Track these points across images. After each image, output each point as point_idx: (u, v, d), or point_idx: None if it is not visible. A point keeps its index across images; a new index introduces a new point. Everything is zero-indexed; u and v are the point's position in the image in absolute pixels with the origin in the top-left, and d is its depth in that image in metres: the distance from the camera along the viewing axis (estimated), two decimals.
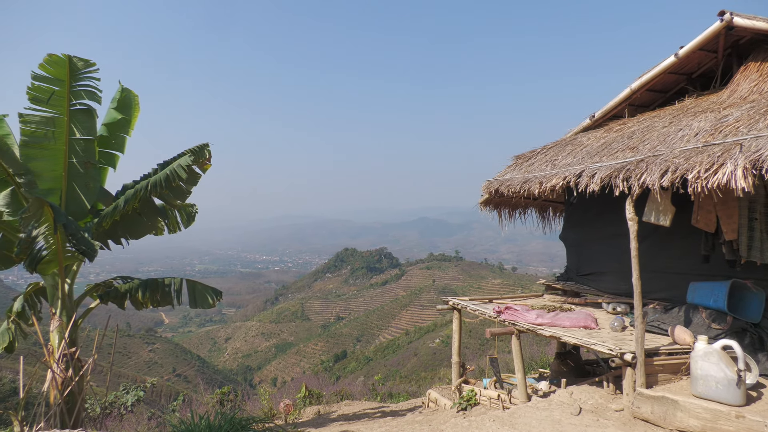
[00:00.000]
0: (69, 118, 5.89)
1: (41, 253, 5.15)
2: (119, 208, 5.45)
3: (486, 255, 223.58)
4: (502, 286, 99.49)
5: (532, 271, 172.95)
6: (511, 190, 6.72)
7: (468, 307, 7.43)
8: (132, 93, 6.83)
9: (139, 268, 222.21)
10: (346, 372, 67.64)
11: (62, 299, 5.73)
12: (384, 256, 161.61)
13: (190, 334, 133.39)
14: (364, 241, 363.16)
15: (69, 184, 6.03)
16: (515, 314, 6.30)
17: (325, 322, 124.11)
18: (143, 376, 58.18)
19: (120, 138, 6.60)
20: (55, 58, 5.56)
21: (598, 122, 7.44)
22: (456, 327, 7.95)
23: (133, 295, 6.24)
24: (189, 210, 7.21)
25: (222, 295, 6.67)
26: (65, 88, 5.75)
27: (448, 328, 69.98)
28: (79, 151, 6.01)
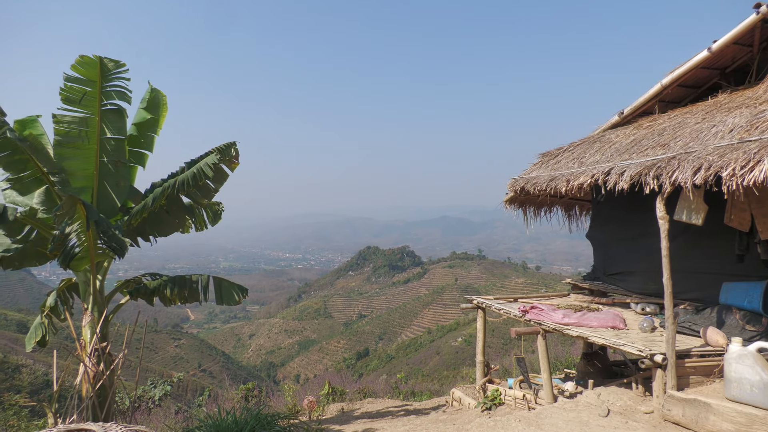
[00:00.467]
0: (100, 118, 6.02)
1: (74, 250, 5.28)
2: (148, 206, 5.55)
3: (509, 254, 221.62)
4: (526, 285, 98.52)
5: (557, 270, 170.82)
6: (537, 188, 6.63)
7: (493, 306, 7.37)
8: (160, 93, 6.94)
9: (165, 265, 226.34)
10: (368, 370, 67.83)
11: (94, 295, 5.87)
12: (406, 254, 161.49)
13: (215, 331, 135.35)
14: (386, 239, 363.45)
15: (100, 183, 6.17)
16: (541, 314, 6.23)
17: (347, 319, 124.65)
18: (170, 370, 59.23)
19: (149, 137, 6.72)
20: (86, 59, 5.69)
21: (626, 119, 7.28)
22: (480, 326, 7.89)
23: (162, 292, 6.36)
24: (215, 208, 7.30)
25: (247, 292, 6.74)
26: (96, 88, 5.88)
27: (470, 327, 69.61)
28: (110, 151, 6.14)
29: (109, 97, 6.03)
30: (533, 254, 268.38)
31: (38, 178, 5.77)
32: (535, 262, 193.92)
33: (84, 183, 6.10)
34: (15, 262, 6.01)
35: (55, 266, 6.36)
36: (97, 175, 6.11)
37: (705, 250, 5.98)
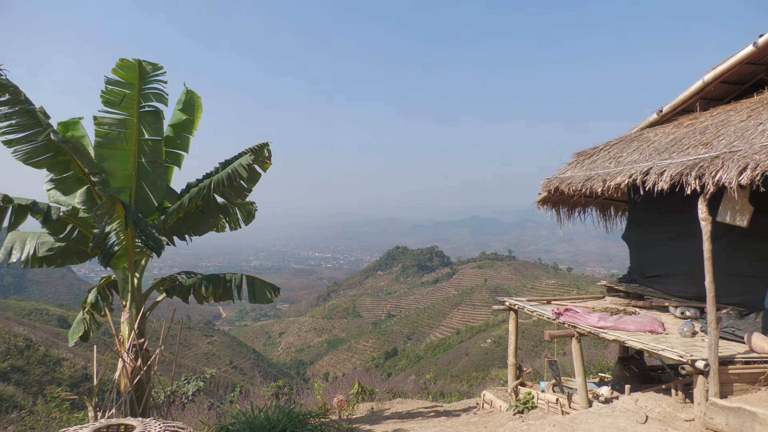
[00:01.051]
0: (138, 120, 6.18)
1: (113, 248, 5.44)
2: (184, 206, 5.66)
3: (540, 254, 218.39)
4: (557, 286, 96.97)
5: (589, 271, 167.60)
6: (571, 188, 6.50)
7: (525, 308, 7.26)
8: (195, 95, 7.08)
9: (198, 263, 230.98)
10: (396, 369, 67.81)
11: (132, 292, 6.03)
12: (435, 254, 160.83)
13: (246, 328, 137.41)
14: (415, 239, 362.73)
15: (138, 183, 6.33)
16: (575, 316, 6.10)
17: (376, 319, 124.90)
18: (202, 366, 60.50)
19: (185, 138, 6.86)
20: (126, 62, 5.84)
21: (666, 117, 7.06)
22: (512, 328, 7.79)
23: (197, 290, 6.48)
24: (249, 208, 7.40)
25: (279, 291, 6.82)
26: (135, 91, 6.04)
27: (500, 328, 68.88)
28: (148, 151, 6.30)
29: (146, 99, 6.18)
30: (565, 255, 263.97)
31: (80, 179, 5.96)
32: (566, 263, 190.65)
33: (123, 183, 6.27)
34: (58, 260, 6.23)
35: (95, 263, 6.56)
36: (135, 176, 6.27)
37: (750, 252, 5.76)
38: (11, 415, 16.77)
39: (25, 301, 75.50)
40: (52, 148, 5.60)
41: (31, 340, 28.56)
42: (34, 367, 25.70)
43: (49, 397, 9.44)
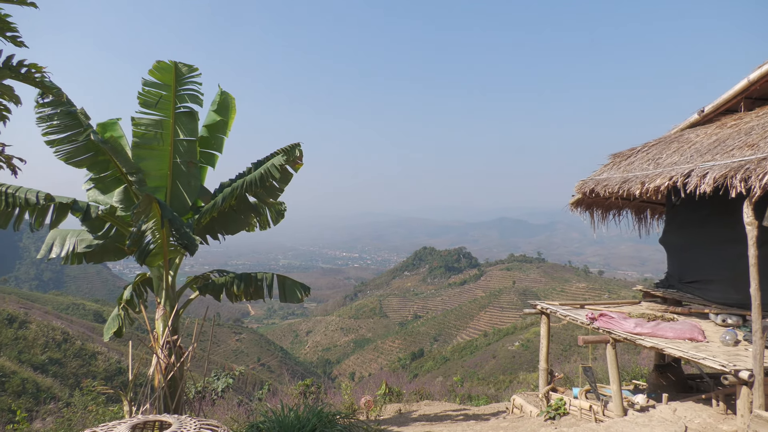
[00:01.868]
0: (174, 121, 6.30)
1: (149, 247, 5.55)
2: (217, 206, 5.74)
3: (570, 257, 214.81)
4: (588, 290, 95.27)
5: (621, 275, 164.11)
6: (607, 190, 6.34)
7: (558, 312, 7.12)
8: (229, 96, 7.17)
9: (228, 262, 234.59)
10: (422, 371, 67.62)
11: (166, 290, 6.14)
12: (463, 255, 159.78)
13: (274, 326, 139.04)
14: (442, 240, 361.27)
15: (173, 183, 6.45)
16: (611, 322, 5.95)
17: (402, 319, 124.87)
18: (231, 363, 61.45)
19: (219, 139, 6.96)
20: (162, 64, 5.96)
21: (707, 117, 6.82)
22: (544, 332, 7.65)
23: (229, 288, 6.57)
24: (279, 207, 7.47)
25: (310, 290, 6.85)
26: (171, 92, 6.15)
27: (528, 331, 68.00)
28: (183, 152, 6.41)
29: (182, 100, 6.29)
30: (596, 258, 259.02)
31: (117, 178, 6.11)
32: (597, 266, 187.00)
33: (158, 183, 6.40)
34: (96, 257, 6.39)
35: (129, 260, 6.72)
36: (170, 175, 6.39)
37: None
38: (49, 406, 17.36)
39: (62, 295, 78.13)
40: (92, 148, 5.76)
41: (68, 334, 29.52)
42: (71, 360, 26.57)
43: (85, 390, 9.70)
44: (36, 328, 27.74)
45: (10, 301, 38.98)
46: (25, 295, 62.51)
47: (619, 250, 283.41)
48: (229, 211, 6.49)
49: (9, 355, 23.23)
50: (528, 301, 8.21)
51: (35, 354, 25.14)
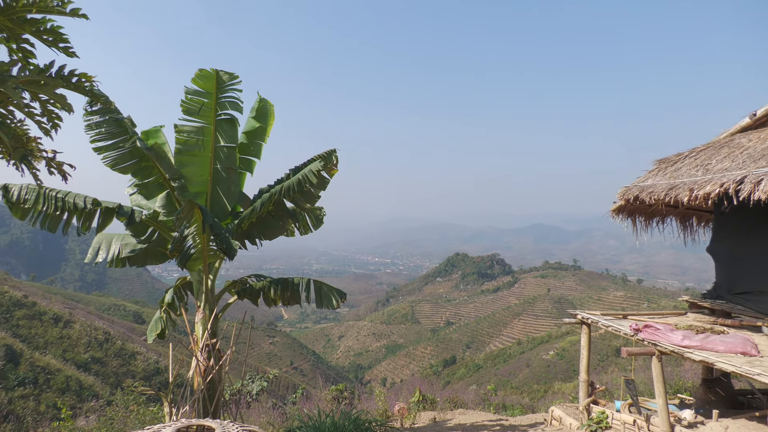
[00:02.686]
0: (215, 128, 6.41)
1: (190, 251, 5.65)
2: (256, 211, 5.81)
3: (607, 265, 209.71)
4: (626, 299, 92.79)
5: (661, 284, 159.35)
6: (653, 197, 6.13)
7: (599, 322, 6.91)
8: (268, 103, 7.26)
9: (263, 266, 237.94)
10: (455, 378, 66.98)
11: (206, 294, 6.24)
12: (496, 262, 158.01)
13: (307, 330, 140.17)
14: (475, 246, 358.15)
15: (213, 188, 6.56)
16: (656, 333, 5.73)
17: (434, 326, 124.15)
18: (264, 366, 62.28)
19: (257, 145, 7.05)
20: (204, 72, 6.08)
21: (760, 121, 6.52)
22: (584, 342, 7.44)
23: (266, 293, 6.63)
24: (317, 213, 7.51)
25: (346, 296, 6.84)
26: (213, 99, 6.27)
27: (563, 340, 66.60)
28: (223, 158, 6.52)
29: (223, 107, 6.40)
30: (634, 266, 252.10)
31: (160, 184, 6.26)
32: (636, 274, 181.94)
33: (199, 188, 6.52)
34: (139, 261, 6.55)
35: (167, 262, 6.86)
36: (210, 181, 6.51)
37: None
38: (91, 404, 17.92)
39: (105, 296, 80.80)
40: (137, 154, 5.93)
41: (110, 334, 30.43)
42: (112, 359, 27.35)
43: (127, 390, 9.95)
44: (79, 327, 28.68)
45: (56, 301, 40.52)
46: (70, 295, 64.96)
47: (659, 258, 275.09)
48: (268, 216, 6.55)
49: (54, 353, 24.06)
50: (567, 310, 8.01)
51: (78, 353, 25.97)
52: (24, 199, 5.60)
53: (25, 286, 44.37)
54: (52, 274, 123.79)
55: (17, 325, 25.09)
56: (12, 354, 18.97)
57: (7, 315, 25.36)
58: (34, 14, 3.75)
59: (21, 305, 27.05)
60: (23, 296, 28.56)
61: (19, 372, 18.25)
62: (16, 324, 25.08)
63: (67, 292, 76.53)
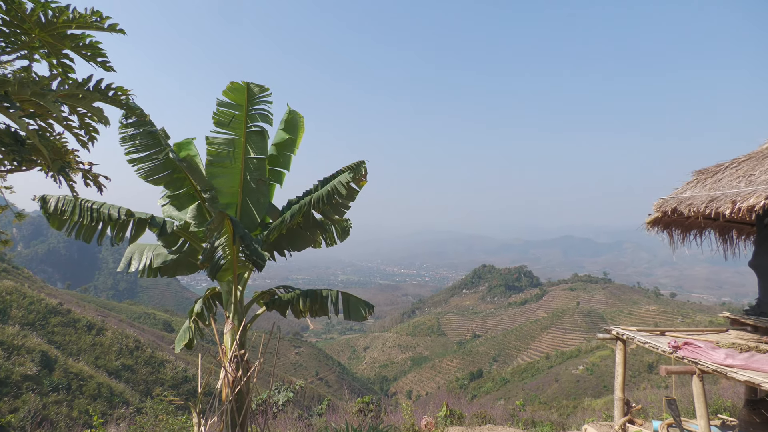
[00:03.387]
0: (245, 140, 6.48)
1: (220, 262, 5.69)
2: (285, 222, 5.82)
3: (639, 278, 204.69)
4: (659, 313, 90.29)
5: (695, 298, 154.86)
6: (692, 209, 5.92)
7: (635, 338, 6.68)
8: (298, 114, 7.32)
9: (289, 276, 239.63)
10: (481, 392, 66.04)
11: (234, 304, 6.26)
12: (524, 274, 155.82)
13: (332, 341, 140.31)
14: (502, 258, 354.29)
15: (243, 200, 6.62)
16: (697, 351, 5.50)
17: (461, 338, 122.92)
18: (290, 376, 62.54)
19: (287, 157, 7.10)
20: (235, 85, 6.16)
21: None
22: (619, 359, 7.20)
23: (294, 304, 6.62)
24: (344, 224, 7.50)
25: (374, 309, 6.79)
26: (243, 112, 6.34)
27: (593, 355, 65.06)
28: (253, 170, 6.58)
29: (253, 119, 6.46)
30: (667, 280, 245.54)
31: (192, 195, 6.33)
32: (669, 288, 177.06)
33: (229, 200, 6.58)
34: (170, 271, 6.62)
35: (197, 272, 6.92)
36: (240, 193, 6.57)
37: None
38: (121, 410, 18.19)
39: (136, 305, 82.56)
40: (169, 166, 6.02)
41: (140, 342, 30.96)
42: (142, 367, 27.77)
43: (156, 400, 10.05)
44: (111, 335, 29.24)
45: (90, 309, 41.51)
46: (103, 303, 66.57)
47: (693, 271, 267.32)
48: (296, 227, 6.57)
49: (87, 360, 24.56)
50: (600, 326, 7.79)
51: (110, 360, 26.46)
52: (61, 210, 5.73)
53: (60, 294, 45.67)
54: (86, 283, 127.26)
55: (52, 331, 25.73)
56: (47, 360, 19.43)
57: (43, 322, 26.03)
58: (74, 30, 3.85)
59: (56, 312, 27.75)
60: (58, 304, 29.30)
61: (54, 378, 18.67)
62: (51, 331, 25.73)
63: (100, 300, 78.43)
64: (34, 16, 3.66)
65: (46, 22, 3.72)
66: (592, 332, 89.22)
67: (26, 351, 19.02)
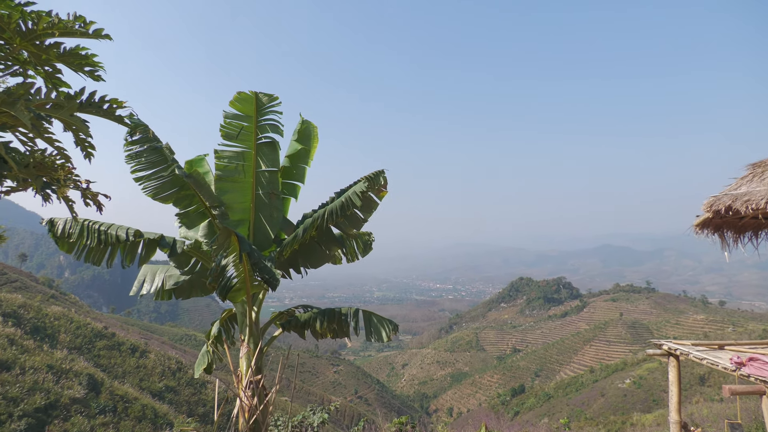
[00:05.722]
0: (256, 152, 6.19)
1: (231, 282, 5.34)
2: (298, 238, 5.47)
3: (684, 286, 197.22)
4: (708, 322, 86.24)
5: (746, 306, 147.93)
6: (751, 206, 5.27)
7: (690, 354, 5.99)
8: (311, 124, 7.00)
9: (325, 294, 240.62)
10: (524, 408, 64.06)
11: (249, 326, 5.90)
12: (562, 285, 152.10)
13: (370, 358, 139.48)
14: (540, 269, 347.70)
15: (256, 215, 6.29)
16: (765, 369, 4.83)
17: (500, 353, 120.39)
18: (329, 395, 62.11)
19: (301, 169, 6.76)
20: (243, 95, 5.89)
21: None
22: (673, 378, 6.49)
23: (312, 325, 6.22)
24: (366, 238, 7.11)
25: (398, 328, 6.30)
26: (252, 123, 6.05)
27: (640, 367, 62.37)
28: (264, 183, 6.26)
29: (263, 130, 6.17)
30: (715, 287, 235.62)
31: (202, 212, 6.04)
32: (717, 296, 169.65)
33: (241, 215, 6.27)
34: (184, 293, 6.33)
35: None
36: (253, 208, 6.25)
37: None
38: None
39: (177, 327, 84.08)
40: (177, 183, 5.74)
41: (182, 363, 31.18)
42: (184, 388, 27.92)
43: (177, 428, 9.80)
44: (154, 357, 29.55)
45: (133, 332, 42.25)
46: (146, 326, 68.02)
47: (742, 277, 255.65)
48: (312, 242, 6.19)
49: (131, 382, 24.80)
50: (649, 340, 7.11)
51: (153, 381, 26.67)
52: (68, 233, 5.52)
53: (105, 318, 46.75)
54: (129, 306, 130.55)
55: (98, 355, 26.18)
56: (94, 383, 19.65)
57: (90, 345, 26.58)
58: (58, 38, 3.59)
59: (102, 336, 28.29)
60: (104, 328, 29.89)
61: (100, 400, 18.86)
62: (97, 354, 26.19)
63: (143, 323, 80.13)
64: (12, 23, 3.42)
65: (26, 31, 3.47)
66: (638, 344, 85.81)
67: (74, 374, 19.32)
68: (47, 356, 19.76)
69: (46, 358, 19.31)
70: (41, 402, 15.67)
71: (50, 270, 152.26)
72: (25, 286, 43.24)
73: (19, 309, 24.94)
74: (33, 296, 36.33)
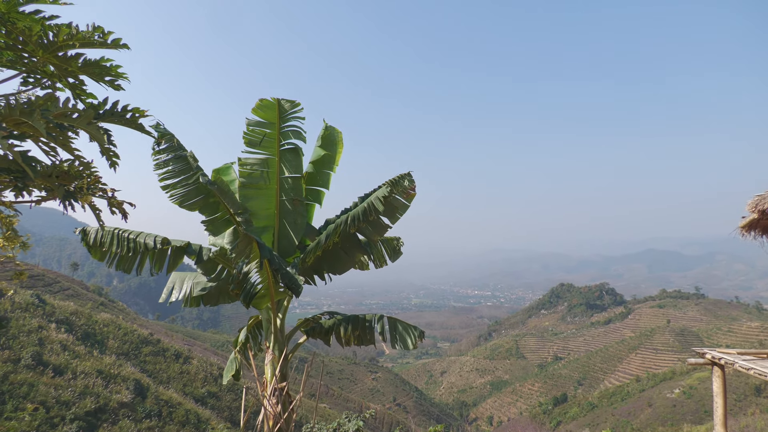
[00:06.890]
0: (279, 158, 6.20)
1: (255, 288, 5.35)
2: (321, 244, 5.43)
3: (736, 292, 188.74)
4: (763, 330, 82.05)
5: None
6: None
7: (736, 363, 5.63)
8: (336, 130, 6.98)
9: (363, 301, 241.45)
10: (567, 418, 62.34)
11: (275, 333, 5.90)
12: (605, 292, 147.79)
13: (408, 366, 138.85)
14: (581, 275, 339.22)
15: (280, 222, 6.29)
16: None
17: (541, 361, 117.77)
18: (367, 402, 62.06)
19: (325, 174, 6.74)
20: (265, 102, 5.92)
21: None
22: (717, 389, 6.12)
23: (336, 331, 6.17)
24: (394, 244, 7.02)
25: (424, 335, 6.16)
26: (275, 130, 6.08)
27: (690, 376, 59.84)
28: (288, 189, 6.27)
29: (286, 137, 6.18)
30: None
31: (227, 220, 6.09)
32: None
33: (266, 222, 6.29)
34: (212, 300, 6.40)
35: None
36: (277, 214, 6.26)
37: None
38: None
39: (218, 333, 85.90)
40: (202, 190, 5.81)
41: (223, 369, 31.85)
42: (225, 394, 28.47)
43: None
44: (197, 363, 30.25)
45: (177, 339, 43.40)
46: (189, 333, 69.77)
47: None
48: (336, 248, 6.14)
49: (176, 388, 25.46)
50: (692, 348, 6.73)
51: (196, 387, 27.29)
52: (100, 241, 5.66)
53: (150, 325, 48.24)
54: (173, 313, 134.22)
55: (144, 360, 27.02)
56: (140, 388, 20.28)
57: (136, 351, 27.48)
58: (78, 49, 3.67)
59: (148, 342, 29.21)
60: (149, 334, 30.84)
61: (146, 405, 19.46)
62: (143, 360, 27.04)
63: (186, 329, 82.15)
64: (34, 36, 3.51)
65: (47, 43, 3.56)
66: (687, 352, 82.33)
67: (122, 379, 20.01)
68: (97, 361, 20.52)
69: (96, 363, 20.06)
70: (91, 406, 16.27)
71: (100, 278, 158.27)
72: (76, 294, 45.09)
73: (71, 316, 26.07)
74: (84, 304, 37.85)
